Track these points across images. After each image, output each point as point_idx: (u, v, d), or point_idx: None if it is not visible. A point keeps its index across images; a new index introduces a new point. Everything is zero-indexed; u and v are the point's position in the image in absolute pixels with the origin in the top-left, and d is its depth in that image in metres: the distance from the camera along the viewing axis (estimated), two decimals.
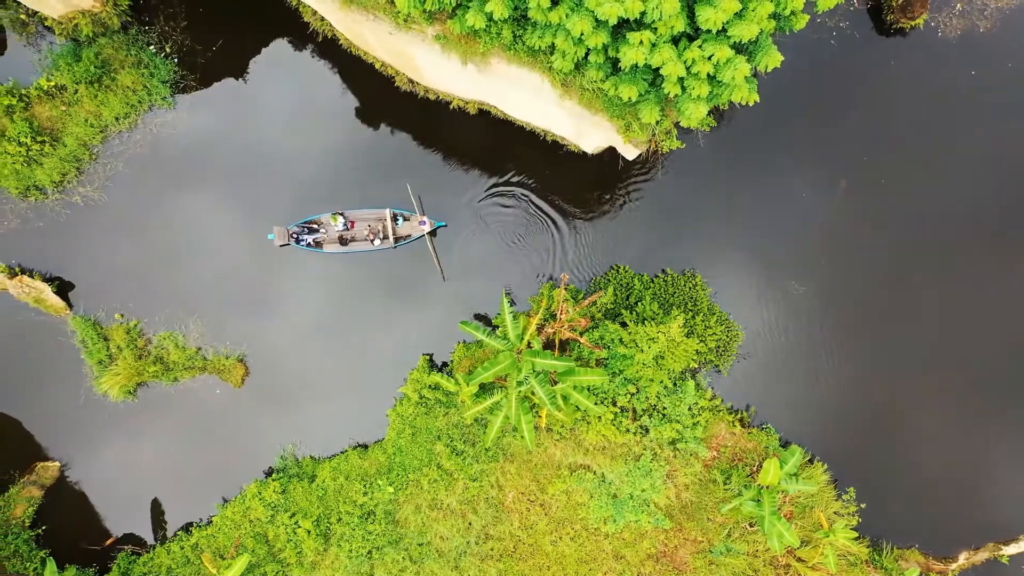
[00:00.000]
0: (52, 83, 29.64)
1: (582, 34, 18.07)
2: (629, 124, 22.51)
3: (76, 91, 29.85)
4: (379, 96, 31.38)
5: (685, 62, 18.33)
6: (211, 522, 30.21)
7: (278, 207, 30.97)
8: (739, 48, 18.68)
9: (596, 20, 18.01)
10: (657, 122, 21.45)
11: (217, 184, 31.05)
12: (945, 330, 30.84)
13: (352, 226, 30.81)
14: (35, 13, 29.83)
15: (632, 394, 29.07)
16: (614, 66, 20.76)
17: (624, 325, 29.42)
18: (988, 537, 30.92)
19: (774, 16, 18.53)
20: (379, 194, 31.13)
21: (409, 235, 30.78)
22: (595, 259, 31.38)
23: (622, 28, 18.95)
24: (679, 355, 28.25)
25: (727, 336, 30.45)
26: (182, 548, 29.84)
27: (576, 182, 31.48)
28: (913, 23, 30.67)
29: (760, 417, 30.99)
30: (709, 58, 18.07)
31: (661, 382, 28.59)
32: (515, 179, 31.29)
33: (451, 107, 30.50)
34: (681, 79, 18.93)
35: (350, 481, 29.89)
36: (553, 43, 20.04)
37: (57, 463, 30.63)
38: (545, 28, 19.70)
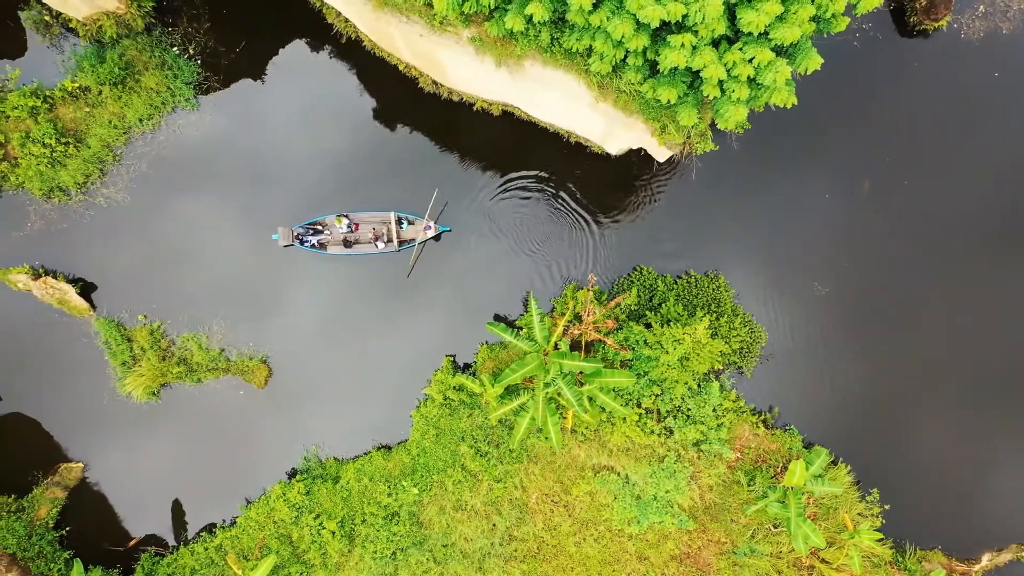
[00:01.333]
0: (76, 84, 29.65)
1: (623, 37, 18.08)
2: (665, 126, 22.53)
3: (100, 92, 29.87)
4: (401, 97, 31.35)
5: (725, 64, 18.36)
6: (235, 523, 30.23)
7: (288, 207, 30.92)
8: (778, 50, 18.70)
9: (637, 23, 18.06)
10: (693, 124, 21.46)
11: (236, 185, 31.01)
12: (970, 331, 30.85)
13: (356, 228, 30.78)
14: (59, 14, 29.84)
15: (657, 395, 29.09)
16: (652, 68, 20.78)
17: (648, 326, 29.43)
18: (1011, 538, 30.93)
19: (814, 19, 18.56)
20: (389, 196, 31.08)
21: (413, 239, 30.73)
22: (618, 260, 31.37)
23: (661, 31, 18.98)
24: (704, 357, 28.26)
25: (750, 338, 30.46)
26: (206, 549, 29.85)
27: (599, 184, 31.45)
28: (936, 25, 30.67)
29: (782, 418, 31.00)
30: (750, 61, 18.11)
31: (686, 383, 28.61)
32: (536, 179, 31.28)
33: (474, 108, 30.48)
34: (721, 82, 18.96)
35: (374, 482, 29.91)
36: (591, 45, 20.07)
37: (80, 464, 30.64)
38: (583, 31, 19.69)
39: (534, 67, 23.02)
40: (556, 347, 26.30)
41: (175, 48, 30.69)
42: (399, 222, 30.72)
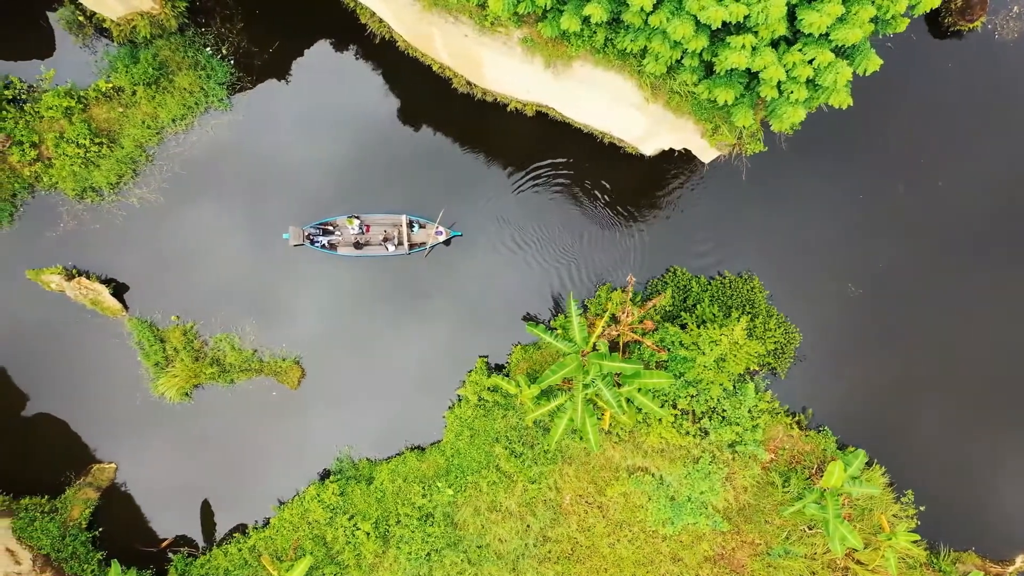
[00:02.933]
0: (110, 85, 29.59)
1: (682, 38, 18.02)
2: (717, 127, 22.48)
3: (134, 93, 29.79)
4: (433, 98, 31.19)
5: (785, 66, 18.31)
6: (268, 524, 30.17)
7: (307, 207, 30.82)
8: (836, 51, 18.65)
9: (697, 24, 18.02)
10: (747, 125, 21.40)
11: (265, 185, 30.90)
12: (1003, 333, 30.79)
13: (368, 230, 30.66)
14: (92, 15, 29.75)
15: (692, 396, 29.04)
16: (707, 69, 20.72)
17: (684, 327, 29.39)
18: None
19: (873, 20, 18.51)
20: (407, 197, 30.99)
21: (424, 243, 30.60)
22: (651, 261, 31.31)
23: (719, 31, 18.92)
24: (740, 358, 28.20)
25: (784, 339, 30.41)
26: (239, 550, 29.83)
27: (631, 184, 31.38)
28: (971, 26, 30.61)
29: (816, 419, 30.95)
30: (810, 62, 18.07)
31: (721, 385, 28.57)
32: (567, 177, 31.18)
33: (508, 109, 30.40)
34: (779, 83, 18.91)
35: (408, 483, 29.86)
36: (646, 46, 19.99)
37: (113, 465, 30.61)
38: (639, 31, 19.63)
39: (583, 68, 22.94)
40: (594, 348, 26.25)
41: (208, 48, 30.61)
42: (410, 225, 30.60)
